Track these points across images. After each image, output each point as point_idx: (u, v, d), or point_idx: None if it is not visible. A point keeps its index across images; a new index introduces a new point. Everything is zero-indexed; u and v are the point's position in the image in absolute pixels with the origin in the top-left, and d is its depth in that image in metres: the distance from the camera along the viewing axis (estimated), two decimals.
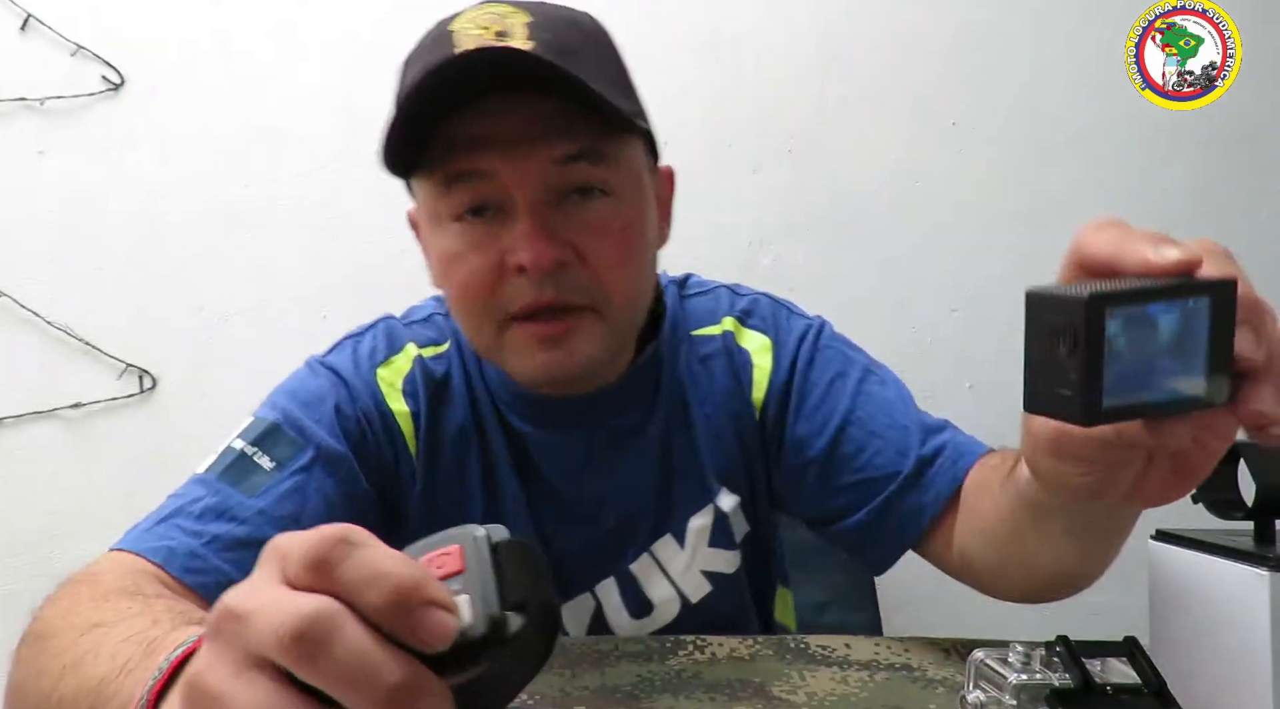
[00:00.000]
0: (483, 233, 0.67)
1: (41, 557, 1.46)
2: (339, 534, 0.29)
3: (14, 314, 1.46)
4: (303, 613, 0.28)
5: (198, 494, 0.68)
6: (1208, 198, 1.57)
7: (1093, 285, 0.35)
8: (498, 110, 0.64)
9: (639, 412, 0.80)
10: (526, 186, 0.65)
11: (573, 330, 0.67)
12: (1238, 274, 0.38)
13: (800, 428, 0.79)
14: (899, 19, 1.55)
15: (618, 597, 0.81)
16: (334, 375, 0.77)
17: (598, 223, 0.67)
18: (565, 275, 0.66)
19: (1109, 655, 0.51)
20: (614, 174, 0.68)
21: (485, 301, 0.67)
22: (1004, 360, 1.56)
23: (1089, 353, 0.33)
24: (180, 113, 1.49)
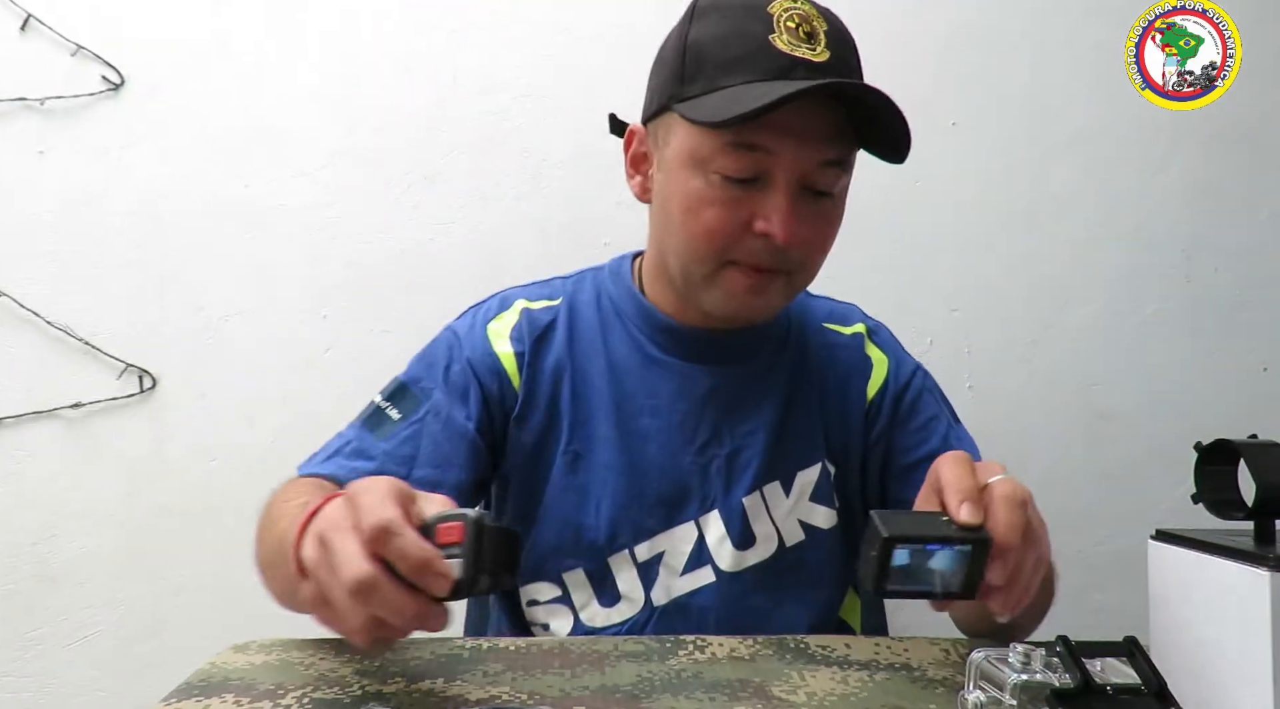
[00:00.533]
0: (740, 194, 0.78)
1: (41, 556, 1.47)
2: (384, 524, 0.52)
3: (14, 314, 1.46)
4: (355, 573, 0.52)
5: (349, 437, 0.88)
6: (1208, 198, 1.57)
7: (897, 524, 0.55)
8: (802, 104, 0.74)
9: (766, 362, 0.93)
10: (792, 172, 0.77)
11: (771, 285, 0.82)
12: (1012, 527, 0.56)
13: (895, 437, 0.94)
14: (898, 19, 1.55)
15: (722, 527, 0.89)
16: (453, 336, 0.94)
17: (823, 218, 0.82)
18: (789, 249, 0.79)
19: (1109, 655, 0.51)
20: (846, 179, 0.82)
21: (719, 248, 0.80)
22: (1004, 360, 1.56)
23: (879, 563, 0.54)
24: (180, 113, 1.49)
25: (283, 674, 0.65)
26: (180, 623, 1.48)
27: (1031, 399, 1.56)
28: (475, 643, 0.72)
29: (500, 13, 1.52)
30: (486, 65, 1.52)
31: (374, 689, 0.62)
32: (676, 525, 0.89)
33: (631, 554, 0.88)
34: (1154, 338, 1.57)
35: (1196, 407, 1.56)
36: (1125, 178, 1.57)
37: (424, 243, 1.51)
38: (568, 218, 1.53)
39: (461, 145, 1.52)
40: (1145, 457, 1.56)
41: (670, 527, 0.89)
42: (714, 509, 0.89)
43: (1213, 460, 0.65)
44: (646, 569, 0.88)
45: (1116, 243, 1.57)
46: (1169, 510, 1.53)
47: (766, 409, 0.91)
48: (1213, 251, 1.57)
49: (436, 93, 1.51)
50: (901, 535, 0.54)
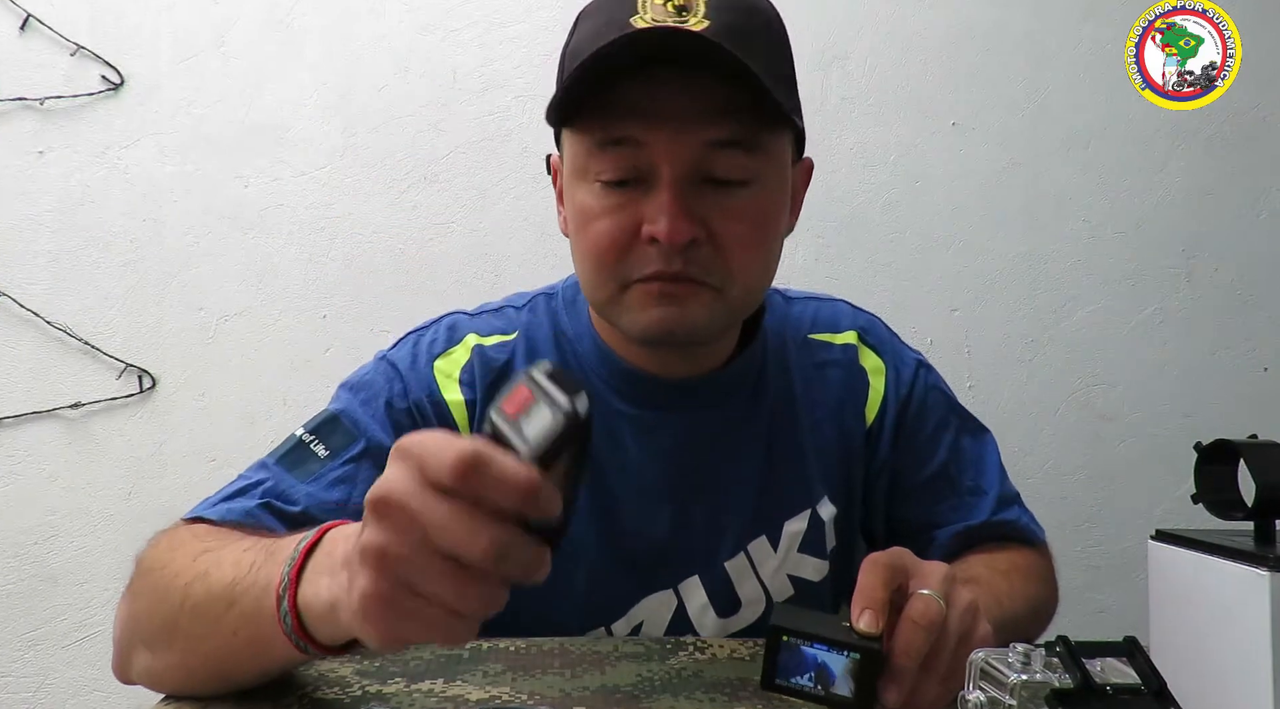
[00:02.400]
0: (623, 199, 0.68)
1: (41, 556, 1.47)
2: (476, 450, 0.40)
3: (14, 314, 1.46)
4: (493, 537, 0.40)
5: (259, 477, 0.72)
6: (1208, 198, 1.57)
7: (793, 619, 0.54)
8: (661, 83, 0.65)
9: (742, 405, 0.81)
10: (674, 163, 0.66)
11: (691, 295, 0.69)
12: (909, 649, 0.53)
13: (900, 458, 0.85)
14: (899, 19, 1.55)
15: (704, 595, 0.80)
16: (391, 370, 0.80)
17: (734, 209, 0.69)
18: (694, 252, 0.68)
19: (1109, 655, 0.51)
20: (759, 163, 0.69)
21: (614, 263, 0.69)
22: (1004, 360, 1.56)
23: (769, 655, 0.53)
24: (180, 113, 1.49)
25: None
26: None
27: (1031, 399, 1.56)
28: (475, 643, 0.72)
29: (500, 13, 1.52)
30: (486, 65, 1.52)
31: (374, 689, 0.62)
32: (653, 593, 0.79)
33: (609, 632, 0.80)
34: (1154, 338, 1.57)
35: (1196, 407, 1.57)
36: (1125, 178, 1.57)
37: (424, 243, 1.51)
38: None
39: (461, 145, 1.52)
40: (1145, 457, 1.56)
41: (647, 594, 0.79)
42: (694, 575, 0.80)
43: (1213, 460, 0.65)
44: None
45: (1116, 243, 1.57)
46: (1169, 510, 1.53)
47: (746, 459, 0.81)
48: (1213, 251, 1.57)
49: (436, 93, 1.51)
50: (792, 629, 0.52)
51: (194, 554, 0.60)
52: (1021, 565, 0.82)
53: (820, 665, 0.52)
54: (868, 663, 0.52)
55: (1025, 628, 0.73)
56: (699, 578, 0.80)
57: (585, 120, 0.69)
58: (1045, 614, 0.83)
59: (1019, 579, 0.79)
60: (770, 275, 0.76)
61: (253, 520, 0.68)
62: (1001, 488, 0.87)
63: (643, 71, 0.65)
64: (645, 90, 0.65)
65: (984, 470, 0.87)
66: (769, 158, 0.70)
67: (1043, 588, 0.83)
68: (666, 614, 0.80)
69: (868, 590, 0.54)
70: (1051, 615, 0.84)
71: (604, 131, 0.67)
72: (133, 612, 0.63)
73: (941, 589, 0.55)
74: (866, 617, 0.53)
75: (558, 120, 0.71)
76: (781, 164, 0.72)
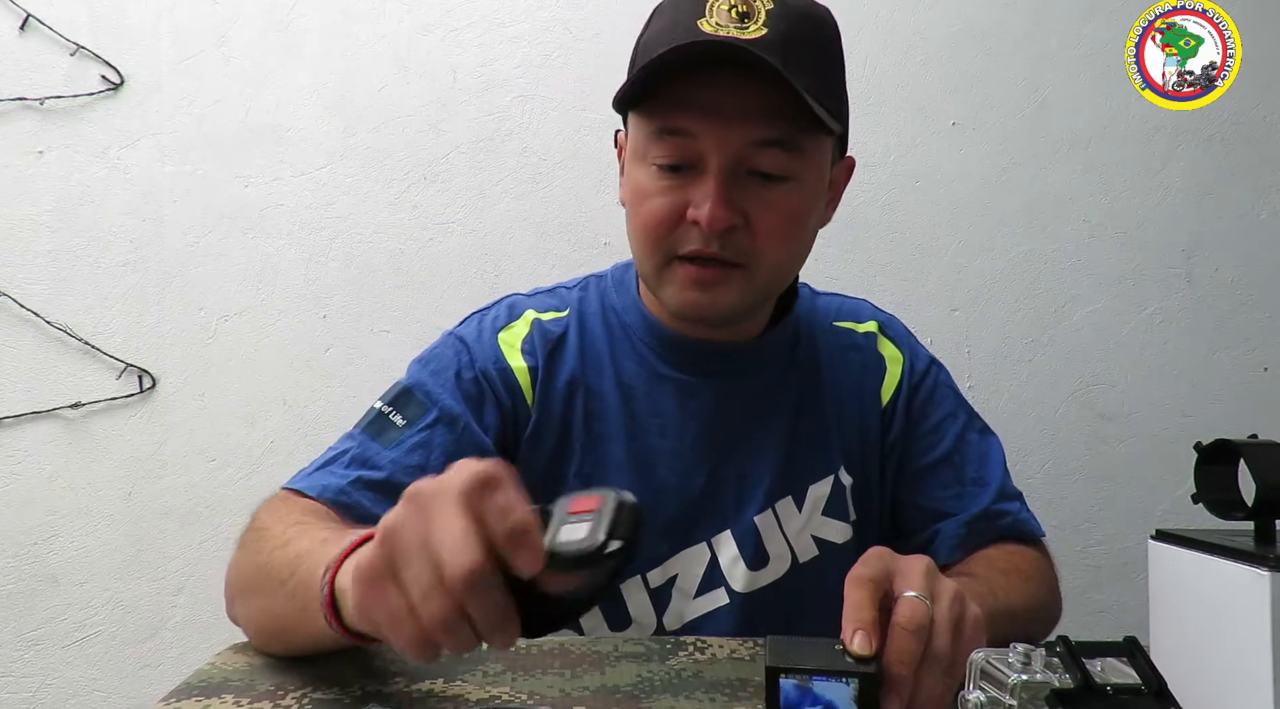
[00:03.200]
0: (674, 182, 0.76)
1: (41, 556, 1.46)
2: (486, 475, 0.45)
3: (14, 314, 1.46)
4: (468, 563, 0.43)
5: (347, 446, 0.80)
6: (1208, 198, 1.57)
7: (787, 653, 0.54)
8: (717, 83, 0.73)
9: (774, 373, 0.89)
10: (720, 155, 0.74)
11: (722, 280, 0.78)
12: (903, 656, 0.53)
13: (909, 441, 0.91)
14: (899, 19, 1.55)
15: (735, 547, 0.85)
16: (459, 343, 0.87)
17: (771, 202, 0.76)
18: (731, 237, 0.76)
19: (1109, 655, 0.51)
20: (798, 163, 0.77)
21: (661, 238, 0.78)
22: (1004, 360, 1.56)
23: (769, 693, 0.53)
24: (180, 112, 1.49)
25: (283, 674, 0.65)
26: (180, 623, 1.48)
27: (1031, 399, 1.56)
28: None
29: (500, 13, 1.52)
30: (486, 65, 1.52)
31: (374, 689, 0.62)
32: (688, 547, 0.85)
33: (644, 580, 0.85)
34: (1154, 338, 1.57)
35: (1196, 407, 1.57)
36: (1125, 178, 1.57)
37: (424, 243, 1.51)
38: (567, 218, 1.53)
39: (461, 145, 1.52)
40: (1145, 457, 1.56)
41: (682, 549, 0.85)
42: (726, 529, 0.86)
43: (1213, 460, 0.65)
44: (659, 594, 0.85)
45: (1116, 243, 1.57)
46: (1169, 510, 1.53)
47: (777, 423, 0.88)
48: (1213, 251, 1.57)
49: (436, 93, 1.51)
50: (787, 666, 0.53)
51: (289, 523, 0.68)
52: (1021, 566, 0.84)
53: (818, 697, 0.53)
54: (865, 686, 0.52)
55: (1023, 625, 0.74)
56: (730, 532, 0.86)
57: (648, 110, 0.76)
58: (1045, 615, 0.84)
59: (1017, 578, 0.81)
60: (799, 261, 0.84)
61: (345, 498, 0.75)
62: (1003, 484, 0.91)
63: (703, 72, 0.73)
64: (702, 88, 0.73)
65: (988, 465, 0.91)
66: (807, 159, 0.77)
67: (1041, 588, 0.84)
68: (700, 567, 0.86)
69: (855, 610, 0.55)
70: (1053, 619, 0.85)
71: (662, 121, 0.75)
72: (237, 560, 0.72)
73: (924, 586, 0.55)
74: (859, 639, 0.53)
75: (624, 107, 0.79)
76: (819, 164, 0.79)
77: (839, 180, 0.87)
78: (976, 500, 0.88)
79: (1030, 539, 0.89)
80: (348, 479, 0.76)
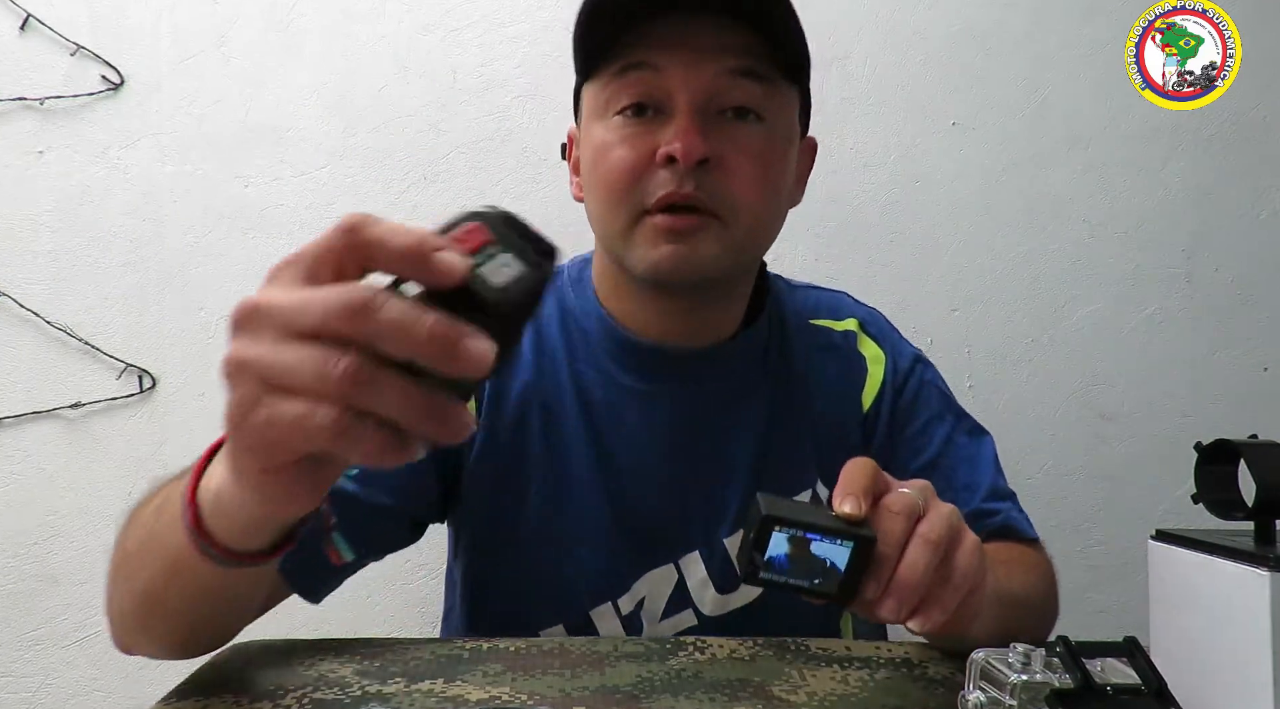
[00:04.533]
0: (639, 128, 0.71)
1: (41, 556, 1.46)
2: (359, 214, 0.36)
3: (14, 314, 1.46)
4: (345, 291, 0.34)
5: None
6: (1208, 198, 1.57)
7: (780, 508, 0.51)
8: (684, 21, 0.69)
9: (744, 380, 0.82)
10: (691, 89, 0.70)
11: (698, 230, 0.71)
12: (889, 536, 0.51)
13: (893, 449, 0.85)
14: (899, 19, 1.55)
15: (704, 571, 0.81)
16: None
17: (745, 142, 0.72)
18: (706, 177, 0.70)
19: (1109, 655, 0.51)
20: (771, 103, 0.73)
21: (627, 190, 0.72)
22: (1004, 360, 1.56)
23: (757, 544, 0.51)
24: (180, 113, 1.49)
25: (282, 674, 0.65)
26: None
27: (1031, 399, 1.56)
28: (475, 643, 0.72)
29: (500, 13, 1.52)
30: (486, 65, 1.52)
31: (374, 689, 0.62)
32: (655, 568, 0.80)
33: (615, 606, 0.80)
34: (1154, 338, 1.57)
35: (1196, 407, 1.57)
36: (1125, 178, 1.57)
37: None
38: (567, 218, 1.52)
39: (461, 145, 1.52)
40: (1145, 457, 1.56)
41: (649, 570, 0.80)
42: (694, 550, 0.80)
43: (1213, 460, 0.65)
44: (630, 620, 0.80)
45: (1116, 243, 1.57)
46: (1169, 510, 1.53)
47: (749, 434, 0.82)
48: (1213, 251, 1.57)
49: (436, 93, 1.51)
50: (782, 517, 0.50)
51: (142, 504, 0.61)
52: (1020, 559, 0.81)
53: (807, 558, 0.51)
54: (858, 551, 0.51)
55: (1022, 613, 0.71)
56: (699, 553, 0.80)
57: (608, 59, 0.72)
58: (1044, 609, 0.81)
59: (1017, 568, 0.78)
60: (775, 223, 0.78)
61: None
62: (994, 484, 0.85)
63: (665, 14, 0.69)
64: (668, 23, 0.69)
65: (977, 467, 0.86)
66: (780, 101, 0.73)
67: (1040, 582, 0.81)
68: (667, 589, 0.80)
69: (849, 480, 0.53)
70: (1052, 616, 0.83)
71: (623, 59, 0.71)
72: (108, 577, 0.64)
73: (920, 497, 0.54)
74: (849, 502, 0.51)
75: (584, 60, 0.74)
76: (788, 119, 0.75)
77: (804, 160, 0.83)
78: (965, 505, 0.82)
79: (1023, 539, 0.85)
80: None
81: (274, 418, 0.35)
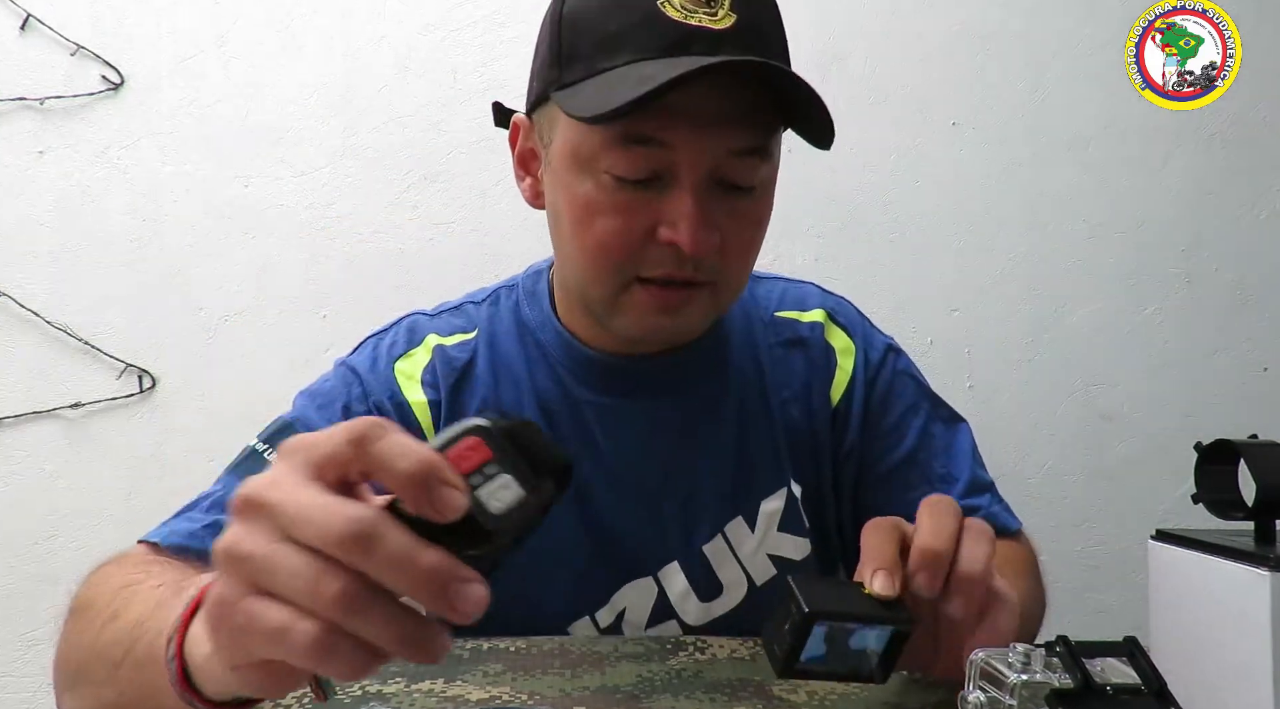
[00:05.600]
0: (637, 198, 0.66)
1: (41, 556, 1.46)
2: (373, 421, 0.35)
3: (14, 314, 1.46)
4: (350, 516, 0.33)
5: (212, 489, 0.72)
6: (1208, 198, 1.57)
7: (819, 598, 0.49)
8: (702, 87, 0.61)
9: (709, 385, 0.80)
10: (697, 167, 0.65)
11: (689, 301, 0.69)
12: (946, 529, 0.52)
13: (867, 443, 0.82)
14: (899, 19, 1.55)
15: (684, 581, 0.79)
16: (350, 374, 0.79)
17: (742, 215, 0.69)
18: (704, 258, 0.67)
19: (1109, 655, 0.51)
20: (769, 170, 0.70)
21: (620, 262, 0.68)
22: (1004, 360, 1.56)
23: (795, 640, 0.49)
24: (180, 113, 1.49)
25: None
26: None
27: (1031, 399, 1.56)
28: (475, 643, 0.72)
29: (500, 13, 1.52)
30: (486, 65, 1.52)
31: (374, 689, 0.62)
32: (633, 580, 0.78)
33: (594, 620, 0.78)
34: (1154, 338, 1.57)
35: (1196, 407, 1.57)
36: (1125, 178, 1.57)
37: (424, 243, 1.51)
38: None
39: (461, 145, 1.52)
40: (1145, 457, 1.56)
41: (627, 582, 0.78)
42: (673, 560, 0.79)
43: (1213, 460, 0.65)
44: (610, 632, 0.79)
45: (1116, 243, 1.57)
46: (1169, 510, 1.53)
47: (718, 439, 0.79)
48: (1213, 251, 1.57)
49: (437, 93, 1.51)
50: (824, 611, 0.48)
51: (115, 589, 0.56)
52: (1011, 559, 0.79)
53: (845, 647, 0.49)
54: (897, 638, 0.50)
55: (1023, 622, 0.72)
56: (678, 563, 0.79)
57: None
58: (1039, 609, 0.80)
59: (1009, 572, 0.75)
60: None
61: (196, 542, 0.65)
62: (972, 475, 0.83)
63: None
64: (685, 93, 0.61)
65: (954, 457, 0.83)
66: (773, 162, 0.70)
67: (1032, 581, 0.80)
68: (648, 601, 0.79)
69: (876, 551, 0.51)
70: (1043, 607, 0.81)
71: (627, 127, 0.63)
72: (59, 647, 0.58)
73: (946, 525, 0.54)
74: (880, 578, 0.49)
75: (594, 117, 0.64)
76: (777, 166, 0.72)
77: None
78: None
79: (1005, 532, 0.82)
80: (201, 524, 0.67)
81: (254, 621, 0.35)
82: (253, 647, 0.36)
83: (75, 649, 0.56)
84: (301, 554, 0.34)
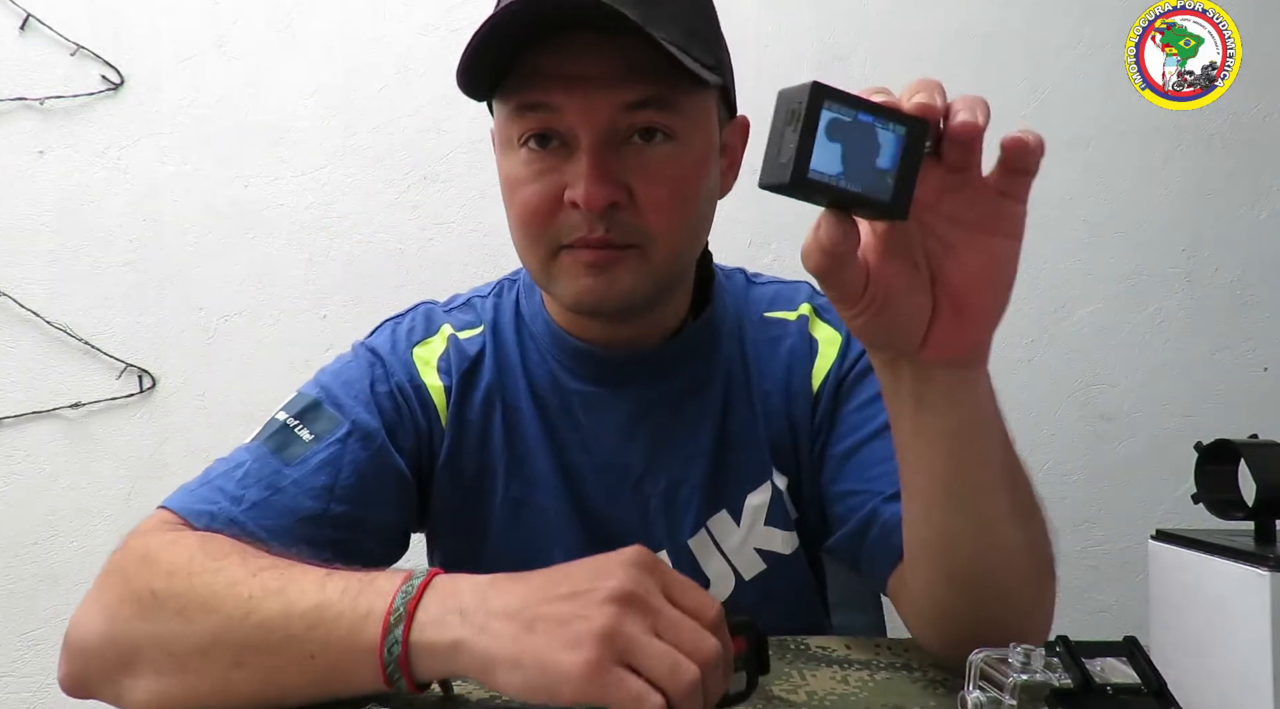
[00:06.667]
0: (545, 163, 0.68)
1: (41, 556, 1.46)
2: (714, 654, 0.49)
3: (14, 314, 1.46)
4: (716, 645, 0.50)
5: (241, 459, 0.72)
6: (1208, 198, 1.57)
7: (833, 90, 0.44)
8: (579, 47, 0.65)
9: (693, 377, 0.81)
10: (591, 126, 0.66)
11: (617, 262, 0.69)
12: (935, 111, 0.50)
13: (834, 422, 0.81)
14: (899, 19, 1.55)
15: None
16: (373, 355, 0.80)
17: (655, 166, 0.68)
18: (616, 216, 0.68)
19: (1109, 655, 0.51)
20: (680, 121, 0.69)
21: (541, 228, 0.70)
22: (1004, 360, 1.56)
23: (805, 127, 0.43)
24: (180, 113, 1.49)
25: None
26: None
27: (1031, 399, 1.56)
28: None
29: None
30: None
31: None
32: None
33: None
34: (1154, 338, 1.57)
35: (1196, 407, 1.57)
36: (1125, 178, 1.57)
37: (424, 243, 1.51)
38: None
39: (461, 145, 1.52)
40: (1145, 457, 1.56)
41: None
42: (660, 551, 0.79)
43: (1213, 460, 0.65)
44: None
45: (1116, 243, 1.57)
46: (1169, 510, 1.53)
47: (702, 431, 0.80)
48: (1213, 251, 1.57)
49: (436, 93, 1.51)
50: (832, 91, 0.44)
51: (254, 569, 0.58)
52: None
53: (860, 154, 0.45)
54: (915, 133, 0.47)
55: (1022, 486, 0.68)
56: (666, 554, 0.79)
57: (503, 89, 0.69)
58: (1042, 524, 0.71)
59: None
60: (698, 234, 0.76)
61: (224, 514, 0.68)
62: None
63: (556, 37, 0.65)
64: (560, 56, 0.65)
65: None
66: (688, 117, 0.70)
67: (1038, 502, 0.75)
68: None
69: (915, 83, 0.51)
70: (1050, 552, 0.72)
71: (519, 97, 0.68)
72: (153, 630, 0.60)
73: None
74: (920, 94, 0.50)
75: (480, 92, 0.70)
76: (704, 123, 0.72)
77: (734, 144, 0.79)
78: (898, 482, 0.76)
79: None
80: (241, 506, 0.68)
81: (622, 682, 0.47)
82: (603, 696, 0.47)
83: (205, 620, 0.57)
84: (666, 644, 0.48)
